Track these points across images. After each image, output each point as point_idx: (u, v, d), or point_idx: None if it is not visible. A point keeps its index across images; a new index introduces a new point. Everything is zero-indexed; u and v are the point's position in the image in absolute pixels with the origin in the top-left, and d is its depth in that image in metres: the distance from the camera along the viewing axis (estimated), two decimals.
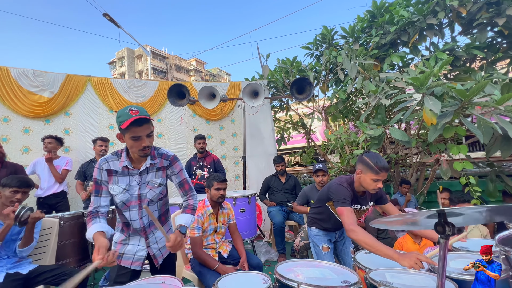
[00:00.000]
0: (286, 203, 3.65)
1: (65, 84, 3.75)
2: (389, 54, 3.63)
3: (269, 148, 4.83)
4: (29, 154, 3.50)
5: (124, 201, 1.42)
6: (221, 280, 1.32)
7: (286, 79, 4.61)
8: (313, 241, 2.02)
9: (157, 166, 1.48)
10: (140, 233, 1.50)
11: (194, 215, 1.54)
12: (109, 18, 7.51)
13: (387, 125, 2.85)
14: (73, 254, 2.46)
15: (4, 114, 3.44)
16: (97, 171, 1.41)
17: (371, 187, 1.61)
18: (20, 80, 3.51)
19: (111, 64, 38.52)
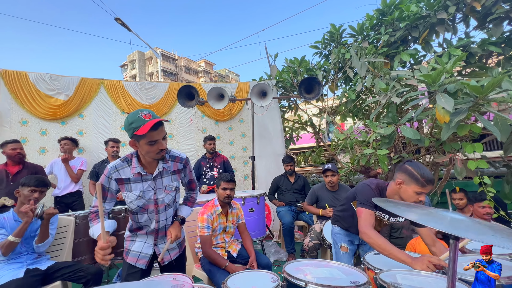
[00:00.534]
0: (295, 203, 3.63)
1: (80, 87, 3.88)
2: (399, 51, 3.55)
3: (278, 148, 4.83)
4: (45, 155, 3.64)
5: (140, 206, 1.42)
6: (230, 278, 1.33)
7: (294, 79, 4.59)
8: (334, 239, 2.00)
9: (171, 170, 1.47)
10: (151, 233, 1.52)
11: (193, 208, 1.65)
12: (120, 22, 7.71)
13: (398, 123, 2.79)
14: (88, 252, 2.54)
15: (23, 117, 3.60)
16: (105, 179, 1.37)
17: (411, 200, 1.48)
18: (37, 84, 3.67)
19: (123, 67, 39.48)
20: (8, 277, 1.72)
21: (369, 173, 3.93)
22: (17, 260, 1.85)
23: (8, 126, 3.51)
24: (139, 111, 1.27)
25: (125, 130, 1.32)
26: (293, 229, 3.38)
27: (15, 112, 3.56)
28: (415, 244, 2.21)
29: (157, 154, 1.32)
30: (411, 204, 1.02)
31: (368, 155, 2.99)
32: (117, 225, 2.69)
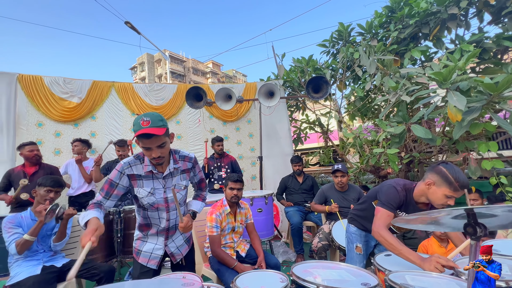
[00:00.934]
0: (303, 203, 3.61)
1: (91, 89, 3.99)
2: (409, 48, 3.48)
3: (286, 148, 4.82)
4: (60, 156, 3.76)
5: (150, 203, 1.44)
6: (239, 277, 1.34)
7: (301, 78, 4.57)
8: (349, 238, 1.98)
9: (181, 169, 1.51)
10: (161, 233, 1.54)
11: (204, 203, 1.67)
12: (130, 26, 7.87)
13: (408, 122, 2.74)
14: (101, 250, 2.62)
15: (39, 119, 3.73)
16: (117, 174, 1.37)
17: (440, 202, 1.44)
18: (52, 87, 3.79)
19: (133, 69, 40.27)
20: (26, 273, 1.79)
21: (379, 173, 3.86)
22: (34, 257, 1.92)
23: (25, 128, 3.65)
24: (141, 116, 1.28)
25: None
26: (302, 230, 3.36)
27: (31, 115, 3.69)
28: (427, 246, 2.17)
29: (151, 159, 1.34)
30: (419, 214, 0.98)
31: (378, 154, 2.95)
32: (128, 225, 2.78)
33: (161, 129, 1.27)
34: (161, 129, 1.26)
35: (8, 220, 1.87)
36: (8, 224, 1.85)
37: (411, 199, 1.59)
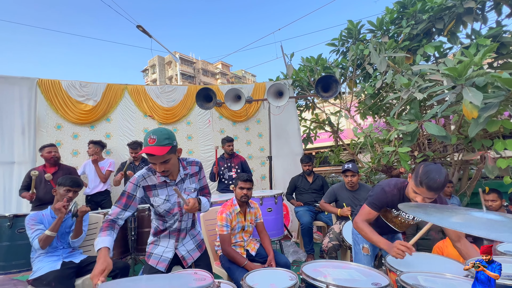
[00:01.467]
0: (313, 203, 3.59)
1: (106, 92, 4.13)
2: (422, 44, 3.38)
3: (295, 147, 4.80)
4: (78, 157, 3.92)
5: (167, 210, 1.53)
6: (249, 275, 1.36)
7: (311, 78, 4.54)
8: (355, 239, 1.96)
9: (190, 174, 1.62)
10: (173, 234, 1.61)
11: (210, 201, 1.74)
12: (142, 29, 8.07)
13: (421, 120, 2.67)
14: (116, 247, 2.71)
15: (57, 122, 3.90)
16: (132, 186, 1.43)
17: (410, 196, 1.52)
18: (69, 91, 3.96)
19: (144, 72, 41.19)
20: (47, 268, 1.88)
21: (391, 173, 3.78)
22: (54, 253, 2.02)
23: (45, 130, 3.83)
24: (150, 133, 1.36)
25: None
26: (312, 229, 3.34)
27: (50, 118, 3.87)
28: (443, 247, 2.11)
29: (162, 172, 1.42)
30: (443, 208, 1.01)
31: (389, 153, 2.89)
32: (141, 223, 2.86)
33: (165, 148, 1.35)
34: (164, 148, 1.34)
35: (31, 217, 1.97)
36: (30, 221, 1.95)
37: (405, 196, 1.63)
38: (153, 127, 4.37)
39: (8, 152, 3.62)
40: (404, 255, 1.31)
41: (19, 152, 3.66)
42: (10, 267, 2.22)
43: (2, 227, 2.29)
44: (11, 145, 3.64)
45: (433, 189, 1.37)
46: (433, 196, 1.41)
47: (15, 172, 3.60)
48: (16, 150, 3.65)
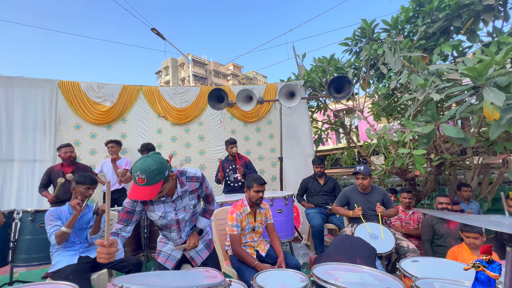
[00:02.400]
0: (324, 205, 3.55)
1: (122, 93, 4.27)
2: (439, 43, 3.28)
3: (307, 149, 4.76)
4: (95, 156, 4.07)
5: (163, 224, 1.55)
6: (260, 275, 1.36)
7: (323, 78, 4.49)
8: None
9: (189, 190, 1.55)
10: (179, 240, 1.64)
11: (211, 220, 1.76)
12: (156, 32, 8.27)
13: (438, 121, 2.58)
14: (129, 244, 2.78)
15: (76, 122, 4.07)
16: (130, 202, 1.42)
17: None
18: (88, 92, 4.11)
19: (158, 74, 42.15)
20: (65, 262, 1.96)
21: (406, 176, 3.67)
22: (71, 248, 2.10)
23: (65, 130, 4.00)
24: (138, 170, 1.23)
25: None
26: (323, 232, 3.30)
27: (70, 118, 4.04)
28: (457, 252, 2.03)
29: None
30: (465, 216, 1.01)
31: (404, 156, 2.81)
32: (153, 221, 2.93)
33: (157, 186, 1.25)
34: (156, 186, 1.25)
35: (50, 213, 2.06)
36: (49, 217, 2.04)
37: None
38: (166, 127, 4.46)
39: (31, 151, 3.81)
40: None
41: (40, 150, 3.84)
42: (31, 260, 2.33)
43: (24, 221, 2.42)
44: (33, 144, 3.82)
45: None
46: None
47: (37, 170, 3.77)
48: (38, 148, 3.83)
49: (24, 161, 3.77)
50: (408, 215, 3.24)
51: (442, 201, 2.82)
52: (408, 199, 3.29)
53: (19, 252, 2.36)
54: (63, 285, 1.13)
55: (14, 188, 3.67)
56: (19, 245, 2.38)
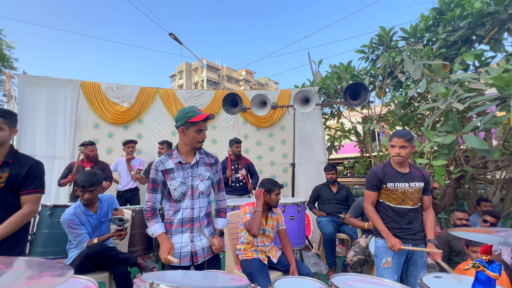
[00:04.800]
0: (337, 214, 3.47)
1: (139, 95, 4.38)
2: (460, 53, 3.19)
3: (319, 156, 4.70)
4: (112, 155, 4.18)
5: (183, 192, 1.60)
6: (277, 281, 1.33)
7: (338, 85, 4.46)
8: (377, 253, 1.90)
9: (205, 162, 1.71)
10: (186, 225, 1.60)
11: (227, 219, 1.83)
12: (174, 37, 8.50)
13: (460, 132, 2.49)
14: (141, 243, 2.80)
15: (95, 121, 4.20)
16: (153, 172, 1.60)
17: (390, 153, 1.86)
18: (107, 93, 4.25)
19: (172, 77, 43.18)
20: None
21: None
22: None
23: (84, 128, 4.13)
24: (193, 106, 1.59)
25: (176, 120, 1.61)
26: (335, 241, 3.21)
27: (90, 117, 4.18)
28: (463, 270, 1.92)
29: (198, 142, 1.60)
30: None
31: (422, 166, 2.72)
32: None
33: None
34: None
35: (70, 220, 2.02)
36: (71, 225, 2.02)
37: (389, 165, 1.90)
38: None
39: (51, 148, 3.95)
40: (394, 249, 1.72)
41: (60, 148, 3.98)
42: (47, 253, 2.38)
43: (43, 215, 2.49)
44: (54, 141, 3.97)
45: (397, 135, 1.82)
46: (400, 141, 1.80)
47: (56, 166, 3.91)
48: (58, 146, 3.98)
49: (45, 157, 3.90)
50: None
51: (461, 216, 2.70)
52: None
53: (36, 245, 2.42)
54: (83, 279, 1.14)
55: None
56: (36, 238, 2.44)
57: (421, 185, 1.86)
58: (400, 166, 1.87)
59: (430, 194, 1.93)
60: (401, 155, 1.80)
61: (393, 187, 1.83)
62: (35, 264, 0.86)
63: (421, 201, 1.91)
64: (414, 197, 1.84)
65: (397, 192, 1.83)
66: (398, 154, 1.80)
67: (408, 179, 1.84)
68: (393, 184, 1.83)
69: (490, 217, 2.60)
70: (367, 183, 1.91)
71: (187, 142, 1.61)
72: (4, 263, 0.88)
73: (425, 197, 1.91)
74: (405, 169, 1.87)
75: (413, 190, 1.84)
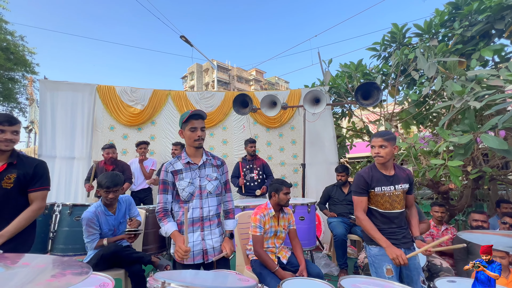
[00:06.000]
0: (348, 215, 3.42)
1: (152, 97, 4.51)
2: (478, 48, 3.06)
3: (330, 156, 4.65)
4: (126, 156, 4.32)
5: (191, 193, 1.65)
6: (285, 283, 1.34)
7: (349, 84, 4.39)
8: (374, 262, 1.78)
9: (212, 163, 1.77)
10: (197, 224, 1.65)
11: (236, 219, 1.86)
12: (185, 39, 8.66)
13: (477, 131, 2.40)
14: (155, 242, 2.89)
15: (111, 123, 4.36)
16: (163, 173, 1.68)
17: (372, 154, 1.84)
18: (122, 96, 4.40)
19: (183, 79, 43.88)
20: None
21: (439, 189, 3.45)
22: None
23: (100, 131, 4.30)
24: (189, 110, 1.66)
25: (179, 126, 1.70)
26: (346, 242, 3.18)
27: (105, 120, 4.34)
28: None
29: (195, 141, 1.65)
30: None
31: (437, 167, 2.64)
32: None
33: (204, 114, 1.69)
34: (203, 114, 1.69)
35: (89, 219, 2.11)
36: (90, 224, 2.11)
37: (375, 169, 1.85)
38: None
39: (70, 149, 4.14)
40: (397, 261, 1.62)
41: (78, 149, 4.17)
42: (67, 250, 2.51)
43: (63, 214, 2.62)
44: (72, 143, 4.16)
45: (375, 135, 1.83)
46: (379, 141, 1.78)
47: (75, 167, 4.09)
48: (76, 147, 4.16)
49: (65, 158, 4.10)
50: (441, 231, 3.02)
51: (477, 218, 2.60)
52: (441, 213, 3.07)
53: (57, 242, 2.56)
54: (100, 276, 1.21)
55: (54, 182, 4.00)
56: (57, 236, 2.58)
57: (406, 187, 1.84)
58: (384, 168, 1.83)
59: (413, 193, 1.92)
60: (381, 154, 1.77)
61: (380, 191, 1.80)
62: (58, 262, 0.92)
63: (406, 201, 1.88)
64: (400, 200, 1.82)
65: (384, 196, 1.80)
66: (378, 154, 1.77)
67: (393, 181, 1.81)
68: (380, 188, 1.80)
69: (510, 219, 2.49)
70: (356, 188, 1.85)
71: (188, 142, 1.69)
72: (28, 261, 0.95)
73: (409, 196, 1.89)
74: (390, 171, 1.84)
75: (399, 193, 1.81)
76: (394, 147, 1.79)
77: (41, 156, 3.98)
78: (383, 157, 1.78)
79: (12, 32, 10.72)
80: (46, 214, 2.70)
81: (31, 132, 19.05)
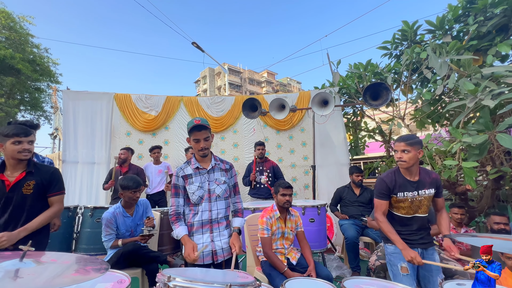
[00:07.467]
0: (360, 217, 3.39)
1: (165, 104, 4.69)
2: (495, 43, 2.95)
3: (341, 157, 4.61)
4: (142, 160, 4.53)
5: (200, 196, 1.73)
6: (289, 282, 1.39)
7: (359, 84, 4.34)
8: (390, 260, 1.82)
9: (221, 168, 1.84)
10: (206, 226, 1.73)
11: (244, 218, 1.90)
12: (196, 45, 8.89)
13: (493, 131, 2.31)
14: (169, 243, 3.01)
15: (127, 129, 4.58)
16: (175, 178, 1.76)
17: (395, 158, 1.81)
18: (137, 103, 4.62)
19: (196, 83, 44.77)
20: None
21: (455, 189, 3.33)
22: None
23: (118, 137, 4.53)
24: (194, 118, 1.71)
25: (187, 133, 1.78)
26: (358, 245, 3.15)
27: (122, 126, 4.57)
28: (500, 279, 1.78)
29: (199, 151, 1.71)
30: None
31: (452, 167, 2.57)
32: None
33: (207, 127, 1.72)
34: (207, 127, 1.72)
35: (108, 219, 2.27)
36: (108, 224, 2.27)
37: (399, 173, 1.82)
38: None
39: (91, 155, 4.39)
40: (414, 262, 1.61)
41: (98, 155, 4.41)
42: (89, 250, 2.68)
43: (85, 216, 2.80)
44: (92, 149, 4.41)
45: (398, 139, 1.80)
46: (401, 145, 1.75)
47: (95, 171, 4.34)
48: (96, 153, 4.41)
49: (86, 163, 4.36)
50: (460, 233, 2.92)
51: (498, 220, 2.49)
52: (460, 215, 2.96)
53: (80, 242, 2.74)
54: (118, 273, 1.31)
55: (77, 186, 4.26)
56: (80, 236, 2.76)
57: (432, 192, 1.79)
58: (409, 173, 1.79)
59: (442, 196, 1.86)
60: (403, 159, 1.73)
61: (402, 197, 1.79)
62: (80, 259, 1.03)
63: (435, 204, 1.84)
64: (423, 205, 1.79)
65: (406, 201, 1.78)
66: (400, 159, 1.74)
67: (418, 187, 1.77)
68: (402, 193, 1.78)
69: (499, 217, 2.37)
70: (377, 192, 1.86)
71: (194, 151, 1.77)
72: (55, 258, 1.06)
73: (438, 199, 1.85)
74: (414, 176, 1.80)
75: (422, 198, 1.78)
76: (419, 152, 1.73)
77: (65, 161, 4.26)
78: (405, 162, 1.74)
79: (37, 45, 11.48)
80: (70, 216, 2.90)
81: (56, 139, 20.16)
